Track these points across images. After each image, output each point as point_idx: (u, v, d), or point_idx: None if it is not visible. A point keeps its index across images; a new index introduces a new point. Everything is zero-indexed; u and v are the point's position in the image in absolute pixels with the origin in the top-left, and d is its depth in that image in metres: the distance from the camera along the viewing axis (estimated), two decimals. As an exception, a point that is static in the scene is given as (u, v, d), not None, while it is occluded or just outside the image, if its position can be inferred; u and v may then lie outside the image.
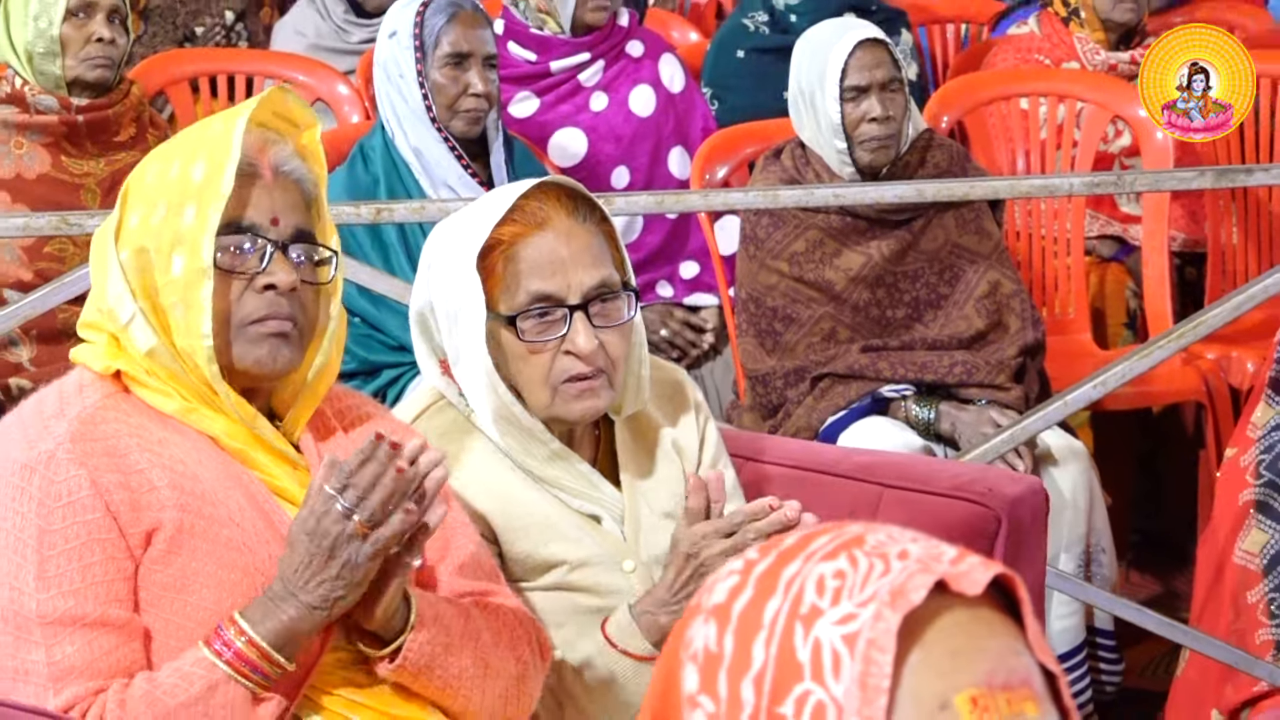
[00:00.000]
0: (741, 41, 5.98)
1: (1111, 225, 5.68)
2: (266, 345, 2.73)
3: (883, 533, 1.48)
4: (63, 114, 4.74)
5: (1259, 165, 5.77)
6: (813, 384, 4.54)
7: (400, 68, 4.70)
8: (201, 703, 2.61)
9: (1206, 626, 4.08)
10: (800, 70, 4.65)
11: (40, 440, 2.69)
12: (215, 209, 2.66)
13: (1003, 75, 5.90)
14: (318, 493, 2.62)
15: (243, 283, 2.72)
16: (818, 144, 4.64)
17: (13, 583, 2.65)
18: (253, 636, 2.62)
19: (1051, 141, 5.64)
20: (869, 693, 1.39)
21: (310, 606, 2.63)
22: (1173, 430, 5.39)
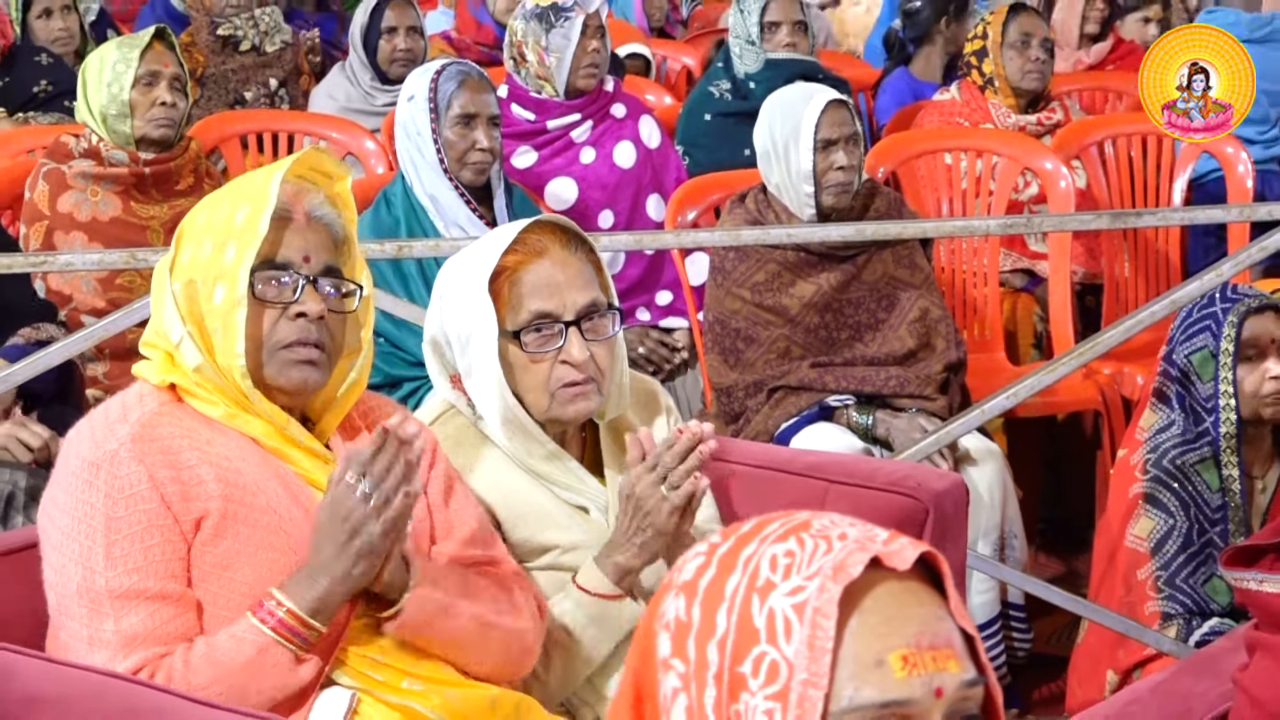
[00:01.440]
0: (708, 106, 6.00)
1: (1022, 261, 5.68)
2: (297, 370, 2.74)
3: (826, 519, 1.48)
4: (132, 166, 4.74)
5: (1147, 210, 5.78)
6: (769, 395, 4.53)
7: (417, 126, 4.69)
8: (254, 663, 2.63)
9: (1103, 600, 4.08)
10: (773, 126, 4.63)
11: (106, 441, 2.71)
12: (252, 248, 2.68)
13: (930, 134, 5.90)
14: (338, 482, 2.64)
15: (277, 311, 2.72)
16: (785, 189, 4.62)
17: (84, 563, 2.66)
18: (291, 607, 2.63)
19: (971, 190, 5.64)
20: (815, 652, 1.40)
21: (337, 578, 2.64)
22: (1074, 434, 5.38)
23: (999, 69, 6.01)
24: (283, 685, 2.65)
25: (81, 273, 4.54)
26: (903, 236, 4.64)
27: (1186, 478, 3.97)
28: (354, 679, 2.74)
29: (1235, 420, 3.94)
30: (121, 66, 4.71)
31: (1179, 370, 4.01)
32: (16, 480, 3.81)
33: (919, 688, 1.42)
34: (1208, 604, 3.92)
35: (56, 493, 2.74)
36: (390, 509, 2.62)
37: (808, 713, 1.39)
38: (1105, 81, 6.91)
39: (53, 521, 2.73)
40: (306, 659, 2.66)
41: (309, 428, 2.83)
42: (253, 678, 2.62)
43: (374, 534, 2.62)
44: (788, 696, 1.40)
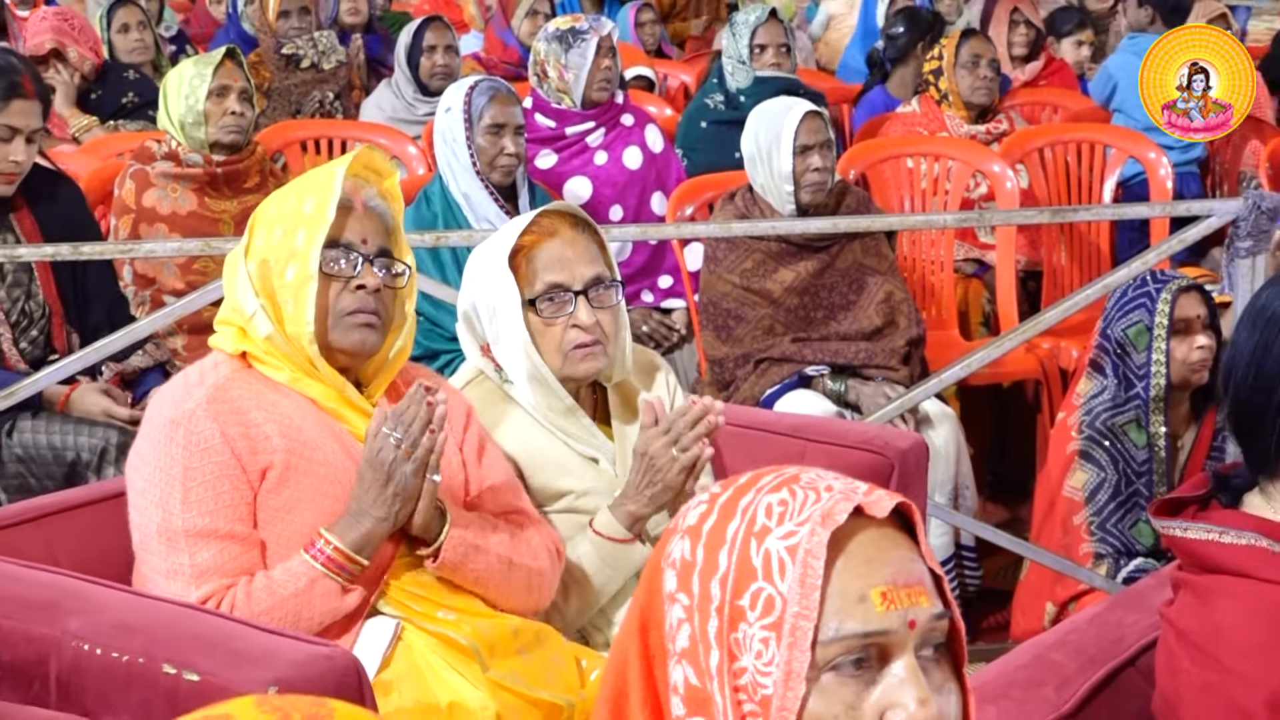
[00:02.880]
0: (705, 116, 5.99)
1: (973, 251, 5.67)
2: (358, 333, 2.77)
3: (813, 473, 1.48)
4: (206, 167, 4.72)
5: (1082, 206, 5.78)
6: (755, 366, 4.53)
7: (454, 134, 4.68)
8: (306, 593, 2.66)
9: (1043, 543, 4.08)
10: (758, 133, 4.63)
11: (184, 402, 2.73)
12: (321, 232, 2.71)
13: (894, 141, 5.89)
14: (375, 434, 2.66)
15: (340, 284, 2.75)
16: (768, 188, 4.61)
17: (164, 507, 2.67)
18: (338, 544, 2.67)
19: (929, 190, 5.63)
20: (807, 589, 1.39)
21: (378, 519, 2.67)
22: (1018, 400, 5.38)
23: (953, 86, 6.03)
24: (331, 611, 2.67)
25: (163, 259, 4.54)
26: (870, 229, 4.64)
27: (1116, 437, 3.97)
28: (397, 610, 2.76)
29: (1165, 385, 3.94)
30: (197, 81, 4.70)
31: (1115, 343, 4.00)
32: (109, 437, 3.82)
33: (896, 620, 1.41)
34: (1133, 545, 3.92)
35: (142, 446, 2.77)
36: (419, 450, 2.64)
37: (799, 641, 1.38)
38: (1042, 97, 6.91)
39: (138, 471, 2.75)
40: (351, 589, 2.68)
41: (360, 391, 2.84)
42: (304, 605, 2.65)
43: (407, 475, 2.65)
44: (782, 627, 1.39)
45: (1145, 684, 2.17)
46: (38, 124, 4.00)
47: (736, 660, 1.41)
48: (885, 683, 1.41)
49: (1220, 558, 2.06)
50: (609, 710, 1.48)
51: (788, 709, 1.38)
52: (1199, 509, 2.14)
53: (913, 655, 1.42)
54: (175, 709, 2.36)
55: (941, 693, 1.43)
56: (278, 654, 2.43)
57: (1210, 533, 2.08)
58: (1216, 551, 2.06)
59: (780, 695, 1.39)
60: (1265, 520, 2.07)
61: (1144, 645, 2.24)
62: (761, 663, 1.40)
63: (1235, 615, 2.01)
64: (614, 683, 1.48)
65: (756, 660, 1.40)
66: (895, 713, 1.40)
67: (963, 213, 5.32)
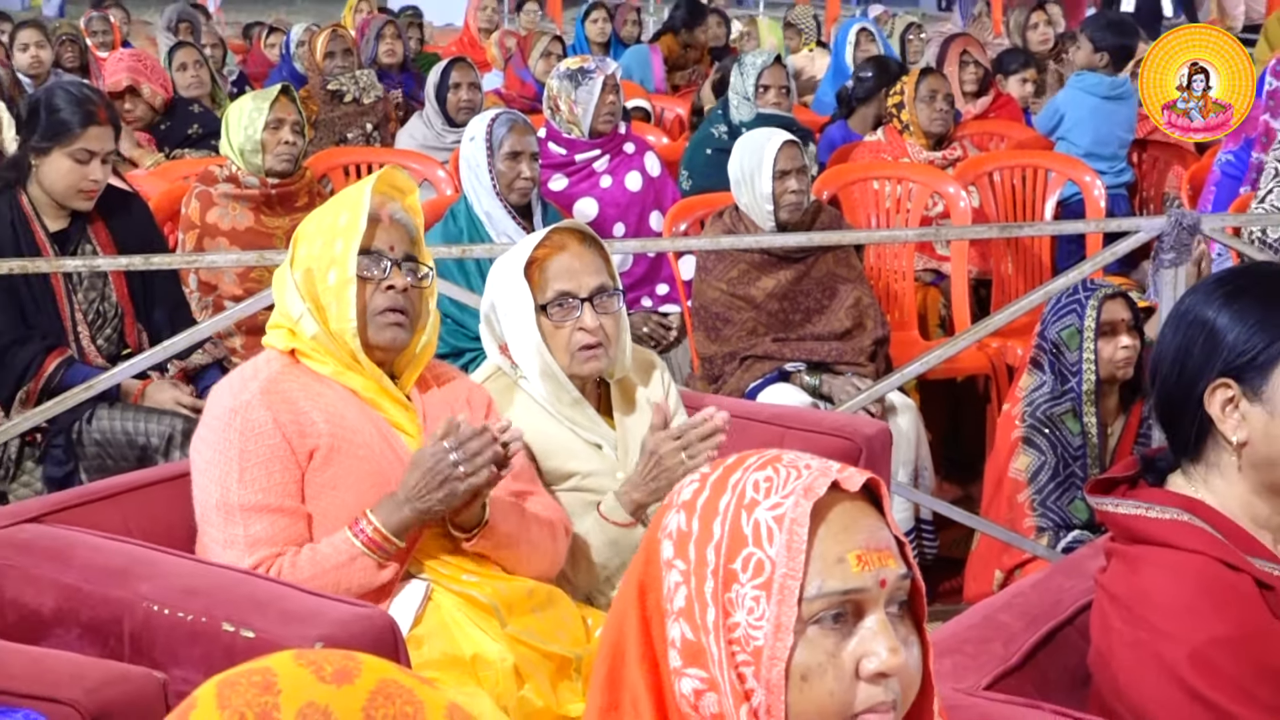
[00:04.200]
0: (710, 144, 5.99)
1: (931, 262, 5.66)
2: (389, 330, 2.78)
3: (792, 454, 1.49)
4: (262, 189, 4.72)
5: (1027, 222, 5.77)
6: (741, 362, 4.53)
7: (477, 160, 4.68)
8: (346, 566, 2.66)
9: (991, 517, 4.07)
10: (743, 159, 4.63)
11: (241, 393, 2.74)
12: (356, 240, 2.73)
13: (862, 166, 5.87)
14: (437, 440, 2.64)
15: (373, 286, 2.76)
16: (752, 207, 4.61)
17: (223, 484, 2.68)
18: (379, 526, 2.66)
19: (893, 208, 5.62)
20: (792, 553, 1.40)
21: (419, 511, 2.66)
22: (969, 393, 5.37)
23: (913, 117, 6.03)
24: (366, 584, 2.68)
25: (223, 269, 4.54)
26: (841, 243, 4.63)
27: (1054, 425, 3.97)
28: (427, 573, 2.76)
29: (1095, 381, 3.94)
30: (255, 114, 4.70)
31: (1051, 343, 4.00)
32: (176, 425, 3.82)
33: (869, 579, 1.43)
34: (1070, 520, 3.92)
35: (204, 432, 2.77)
36: (476, 478, 2.63)
37: (787, 598, 1.39)
38: (990, 127, 6.90)
39: (200, 454, 2.76)
40: (386, 566, 2.68)
41: (394, 383, 2.84)
42: (343, 577, 2.65)
43: (457, 491, 2.63)
44: (771, 586, 1.40)
45: (1082, 641, 2.17)
46: (111, 147, 4.00)
47: (730, 616, 1.41)
48: (860, 634, 1.42)
49: (1147, 530, 2.05)
50: (608, 663, 1.48)
51: (777, 658, 1.39)
52: (1128, 488, 2.14)
53: (883, 611, 1.43)
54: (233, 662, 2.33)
55: (906, 645, 1.44)
56: (323, 614, 2.43)
57: (1139, 509, 2.08)
58: (1144, 525, 2.06)
59: (770, 646, 1.40)
60: (1187, 498, 2.07)
61: (1080, 607, 2.24)
62: (753, 618, 1.40)
63: (1161, 581, 2.01)
64: (613, 639, 1.48)
65: (749, 616, 1.40)
66: (870, 660, 1.41)
67: (922, 229, 5.32)
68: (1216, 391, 2.03)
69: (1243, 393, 2.02)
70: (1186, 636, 1.95)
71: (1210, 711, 1.92)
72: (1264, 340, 2.01)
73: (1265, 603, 1.97)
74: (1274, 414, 2.01)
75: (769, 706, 1.40)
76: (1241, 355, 2.02)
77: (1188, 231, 4.02)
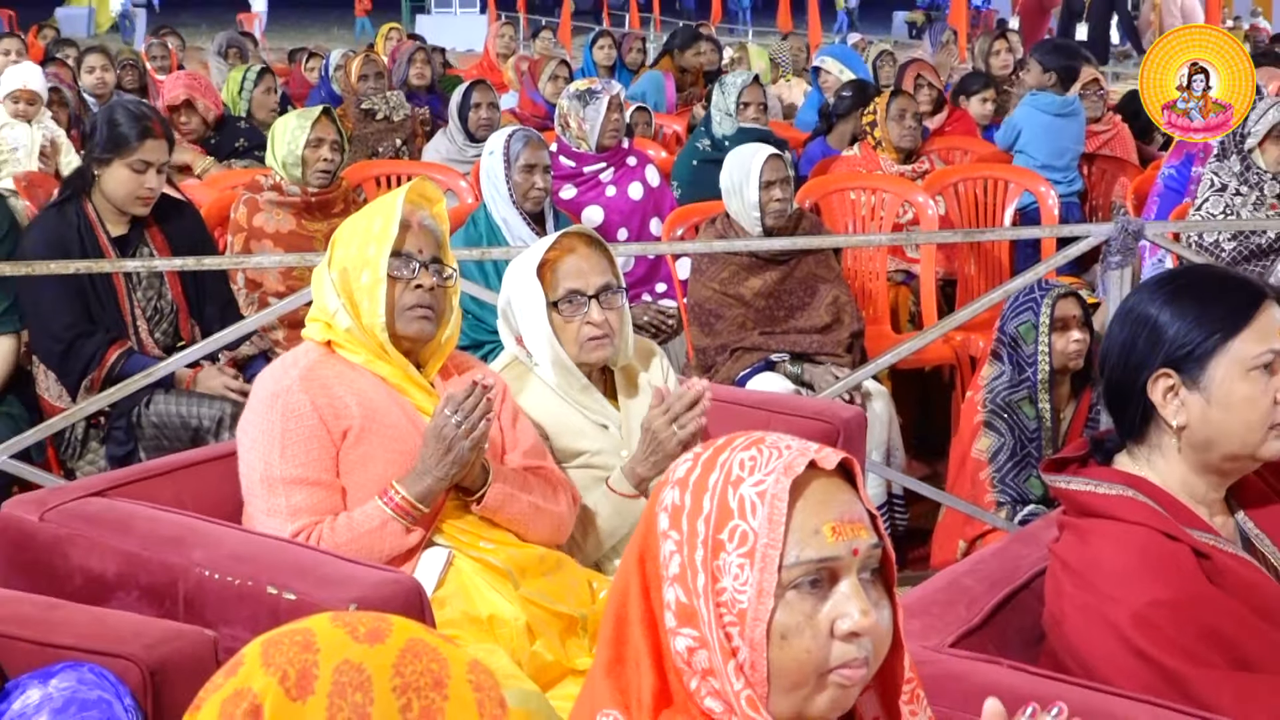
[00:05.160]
0: (695, 156, 5.99)
1: (902, 264, 5.65)
2: (418, 323, 2.78)
3: (775, 436, 1.49)
4: (303, 197, 4.71)
5: (988, 228, 5.77)
6: (731, 353, 4.52)
7: (495, 172, 4.67)
8: (378, 530, 2.66)
9: (956, 493, 4.07)
10: (732, 171, 4.62)
11: (282, 379, 2.74)
12: (388, 245, 2.72)
13: (840, 177, 5.87)
14: (440, 413, 2.66)
15: (403, 285, 2.75)
16: (741, 214, 4.60)
17: (267, 460, 2.68)
18: (405, 494, 2.66)
19: (868, 215, 5.61)
20: (773, 525, 1.40)
21: (438, 478, 2.66)
22: (936, 381, 5.36)
23: (885, 134, 6.02)
24: (396, 546, 2.67)
25: (268, 269, 4.53)
26: (821, 246, 4.62)
27: (1012, 411, 3.96)
28: (448, 541, 2.75)
29: (1049, 371, 3.94)
30: (298, 132, 4.68)
31: (1010, 337, 4.00)
32: (225, 409, 3.82)
33: (843, 548, 1.42)
34: (1027, 495, 3.91)
35: (249, 414, 2.77)
36: (475, 431, 2.65)
37: (768, 566, 1.40)
38: (956, 143, 6.88)
39: (246, 433, 2.76)
40: (413, 530, 2.68)
41: (420, 371, 2.84)
42: (376, 540, 2.65)
43: (464, 449, 2.64)
44: (754, 555, 1.40)
45: (1037, 603, 2.16)
46: (165, 158, 4.00)
47: (718, 582, 1.41)
48: (835, 598, 1.42)
49: (1096, 505, 2.05)
50: (613, 623, 1.47)
51: (760, 619, 1.40)
52: (1079, 467, 2.14)
53: (856, 577, 1.43)
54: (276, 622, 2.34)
55: (878, 607, 1.45)
56: (356, 578, 2.43)
57: (1088, 485, 2.08)
58: (1093, 500, 2.06)
59: (753, 608, 1.40)
60: (1132, 475, 2.07)
61: (1036, 573, 2.23)
62: (738, 583, 1.40)
63: (1108, 550, 2.01)
64: (617, 601, 1.48)
65: (734, 581, 1.40)
66: (843, 620, 1.41)
67: (893, 234, 5.31)
68: (1158, 381, 2.03)
69: (1182, 382, 2.02)
70: (1130, 600, 1.95)
71: (1151, 667, 1.92)
72: (1201, 335, 2.02)
73: (1202, 570, 1.97)
74: (1210, 401, 2.01)
75: (753, 662, 1.40)
76: (1181, 348, 2.02)
77: (1133, 237, 4.02)
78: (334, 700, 1.19)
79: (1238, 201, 4.42)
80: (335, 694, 1.20)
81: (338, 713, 1.19)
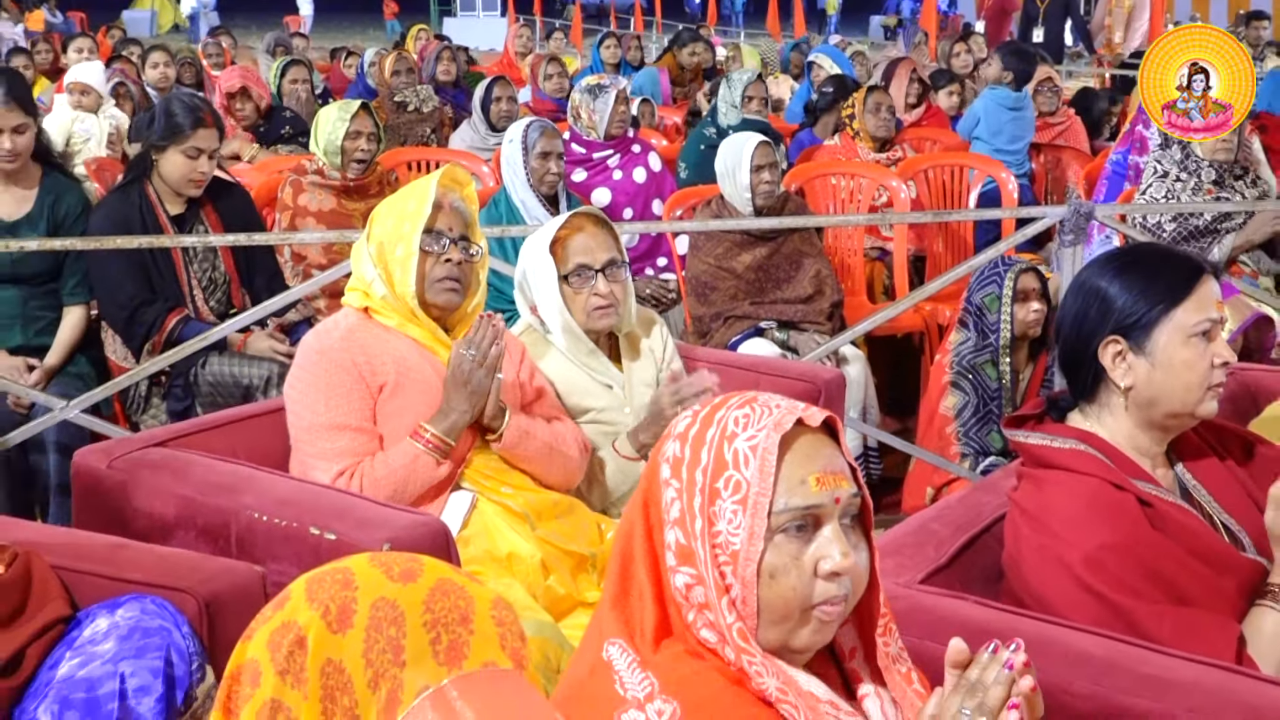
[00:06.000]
0: (702, 141, 5.97)
1: (877, 241, 5.63)
2: (446, 294, 2.77)
3: (765, 396, 1.48)
4: (342, 180, 4.68)
5: (954, 210, 5.75)
6: (724, 321, 4.50)
7: (514, 159, 4.65)
8: (411, 465, 2.65)
9: (925, 446, 4.06)
10: (726, 157, 4.59)
11: (325, 340, 2.74)
12: (421, 223, 2.72)
13: (822, 164, 5.83)
14: (455, 353, 2.68)
15: (434, 259, 2.75)
16: (733, 196, 4.57)
17: (313, 410, 2.69)
18: (435, 431, 2.67)
19: (847, 199, 5.58)
20: (764, 475, 1.39)
21: (461, 411, 2.68)
22: (908, 346, 5.34)
23: (862, 125, 5.99)
24: (429, 479, 2.67)
25: (311, 244, 4.51)
26: (805, 226, 4.59)
27: (976, 372, 3.95)
28: (473, 486, 2.75)
29: (1010, 337, 3.93)
30: (339, 125, 4.65)
31: (975, 307, 3.98)
32: (273, 369, 3.81)
33: (826, 497, 1.41)
34: (988, 448, 3.91)
35: (297, 372, 2.77)
36: (488, 359, 2.66)
37: (759, 512, 1.39)
38: (925, 134, 6.86)
39: (293, 389, 2.75)
40: (444, 463, 2.68)
41: (448, 334, 2.83)
42: (411, 474, 2.65)
43: (480, 377, 2.66)
44: (747, 502, 1.40)
45: (997, 545, 2.16)
46: (216, 146, 3.97)
47: (714, 526, 1.41)
48: (818, 541, 1.42)
49: (1051, 457, 2.04)
50: (619, 562, 1.47)
51: (750, 559, 1.39)
52: (1036, 423, 2.13)
53: (837, 522, 1.43)
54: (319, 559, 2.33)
55: (856, 549, 1.44)
56: (390, 520, 2.43)
57: (1044, 439, 2.07)
58: (1049, 453, 2.05)
59: (745, 549, 1.39)
60: (1083, 431, 2.06)
61: (996, 518, 2.23)
62: (732, 527, 1.40)
63: (1061, 498, 2.00)
64: (623, 542, 1.48)
65: (728, 525, 1.40)
66: (825, 561, 1.41)
67: (870, 214, 5.28)
68: (1108, 346, 2.02)
69: (1129, 347, 2.01)
70: (1081, 542, 1.94)
71: (1099, 602, 1.92)
72: (1146, 305, 2.01)
73: (1145, 516, 1.97)
74: (1154, 364, 2.00)
75: (744, 598, 1.40)
76: (1128, 317, 2.01)
77: (1084, 218, 4.00)
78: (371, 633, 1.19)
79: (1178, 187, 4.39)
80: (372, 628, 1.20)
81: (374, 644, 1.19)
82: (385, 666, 1.18)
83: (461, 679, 1.15)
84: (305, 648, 1.19)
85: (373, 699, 1.17)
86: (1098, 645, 1.82)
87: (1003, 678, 1.27)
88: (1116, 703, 1.75)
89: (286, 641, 1.19)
